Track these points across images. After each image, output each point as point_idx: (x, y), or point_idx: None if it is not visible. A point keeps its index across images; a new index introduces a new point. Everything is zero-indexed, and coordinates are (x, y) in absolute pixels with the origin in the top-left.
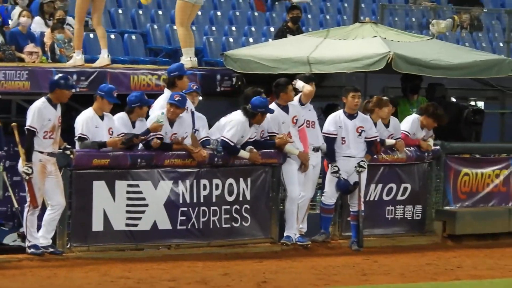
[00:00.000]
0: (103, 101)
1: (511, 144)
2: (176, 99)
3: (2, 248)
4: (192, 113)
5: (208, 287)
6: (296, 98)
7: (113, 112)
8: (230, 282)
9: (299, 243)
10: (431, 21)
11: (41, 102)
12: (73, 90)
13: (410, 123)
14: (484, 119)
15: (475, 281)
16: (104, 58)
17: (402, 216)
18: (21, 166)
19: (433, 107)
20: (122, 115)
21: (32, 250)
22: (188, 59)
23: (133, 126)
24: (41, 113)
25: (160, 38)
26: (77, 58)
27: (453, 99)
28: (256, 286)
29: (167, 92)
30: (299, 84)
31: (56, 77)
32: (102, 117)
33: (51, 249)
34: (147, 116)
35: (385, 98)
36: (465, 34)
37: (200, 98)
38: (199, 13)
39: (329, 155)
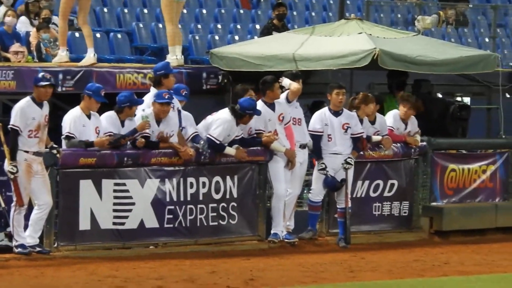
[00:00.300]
0: (91, 100)
1: (498, 139)
2: (166, 97)
3: None
4: (179, 111)
5: (196, 285)
6: (283, 95)
7: (99, 111)
8: (218, 280)
9: (286, 240)
10: (417, 17)
11: (25, 101)
12: (59, 89)
13: (392, 117)
14: (470, 114)
15: (463, 277)
16: (90, 57)
17: (389, 213)
18: (7, 165)
19: (405, 95)
20: (111, 114)
21: (19, 249)
22: (174, 57)
23: (122, 125)
24: (24, 112)
25: (146, 36)
26: (61, 55)
27: (439, 95)
28: (244, 283)
29: (153, 91)
30: (285, 82)
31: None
32: (89, 116)
33: (38, 249)
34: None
35: (370, 94)
36: (451, 30)
37: None
38: (185, 11)
39: (316, 152)
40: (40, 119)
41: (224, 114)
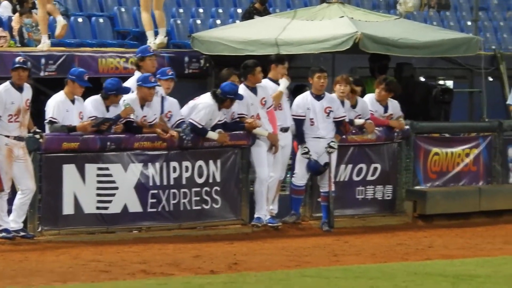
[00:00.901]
0: (74, 85)
1: (481, 123)
2: (152, 81)
3: None
4: (162, 98)
5: (179, 269)
6: (265, 80)
7: (84, 94)
8: (201, 264)
9: (269, 224)
10: (399, 1)
11: (3, 86)
12: (41, 73)
13: (369, 101)
14: (453, 98)
15: (446, 261)
16: (60, 22)
17: (372, 197)
18: None
19: (381, 77)
20: (96, 98)
21: (3, 234)
22: (152, 42)
23: (107, 110)
24: (1, 97)
25: (128, 21)
26: (44, 43)
27: (422, 79)
28: (227, 267)
29: (137, 74)
30: (282, 83)
31: None
32: (73, 101)
33: (22, 233)
34: None
35: (343, 76)
36: (433, 13)
37: None
38: None
39: (299, 136)
40: (20, 103)
41: (206, 98)
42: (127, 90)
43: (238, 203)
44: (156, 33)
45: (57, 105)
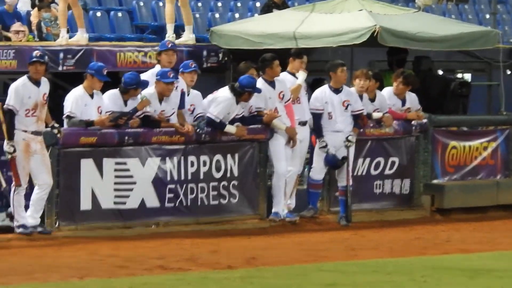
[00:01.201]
0: (93, 79)
1: (499, 116)
2: (171, 76)
3: None
4: (183, 93)
5: (197, 265)
6: (283, 73)
7: (103, 88)
8: (219, 259)
9: (287, 219)
10: None
11: (20, 80)
12: (59, 68)
13: (387, 95)
14: (471, 91)
15: (464, 255)
16: (82, 38)
17: (390, 191)
18: (5, 145)
19: (399, 71)
20: (115, 92)
21: (20, 229)
22: (171, 36)
23: (125, 105)
24: (18, 91)
25: (146, 15)
26: (63, 37)
27: (440, 72)
28: (245, 262)
29: (157, 68)
30: (300, 77)
31: None
32: (92, 96)
33: (39, 229)
34: None
35: (362, 70)
36: (451, 6)
37: None
38: None
39: (317, 130)
40: (37, 97)
41: (224, 92)
42: (146, 84)
43: (255, 197)
44: (176, 28)
45: (75, 100)
